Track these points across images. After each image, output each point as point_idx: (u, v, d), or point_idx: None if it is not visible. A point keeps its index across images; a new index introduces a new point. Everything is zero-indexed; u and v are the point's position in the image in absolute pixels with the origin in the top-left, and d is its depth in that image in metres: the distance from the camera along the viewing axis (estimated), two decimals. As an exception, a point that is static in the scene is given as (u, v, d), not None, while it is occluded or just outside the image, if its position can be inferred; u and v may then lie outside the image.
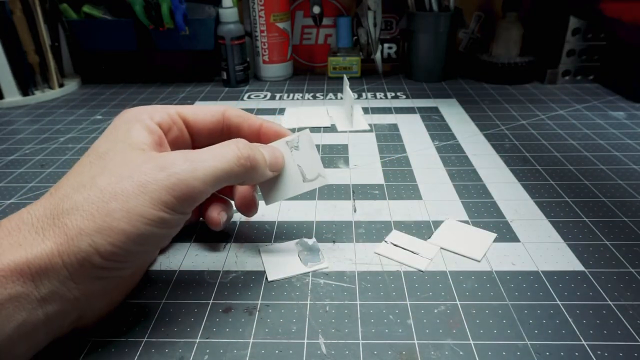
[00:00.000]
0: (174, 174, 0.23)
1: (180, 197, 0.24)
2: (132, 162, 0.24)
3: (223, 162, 0.25)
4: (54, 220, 0.22)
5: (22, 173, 0.45)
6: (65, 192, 0.23)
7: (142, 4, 0.67)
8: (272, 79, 0.77)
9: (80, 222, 0.22)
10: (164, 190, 0.23)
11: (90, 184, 0.23)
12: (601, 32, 0.66)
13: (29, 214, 0.22)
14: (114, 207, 0.22)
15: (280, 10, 0.73)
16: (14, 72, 0.66)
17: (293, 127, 0.55)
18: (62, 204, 0.22)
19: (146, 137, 0.26)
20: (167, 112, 0.29)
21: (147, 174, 0.23)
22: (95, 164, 0.24)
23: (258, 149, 0.28)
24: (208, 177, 0.25)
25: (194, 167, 0.24)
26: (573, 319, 0.26)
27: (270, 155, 0.29)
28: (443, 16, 0.69)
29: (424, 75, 0.73)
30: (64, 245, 0.21)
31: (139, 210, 0.22)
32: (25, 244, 0.21)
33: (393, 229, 0.35)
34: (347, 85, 0.55)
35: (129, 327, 0.26)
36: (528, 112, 0.59)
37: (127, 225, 0.22)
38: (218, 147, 0.26)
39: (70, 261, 0.21)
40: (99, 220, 0.22)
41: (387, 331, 0.25)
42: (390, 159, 0.46)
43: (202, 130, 0.30)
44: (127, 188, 0.23)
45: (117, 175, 0.23)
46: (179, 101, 0.66)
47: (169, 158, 0.24)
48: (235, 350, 0.24)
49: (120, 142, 0.25)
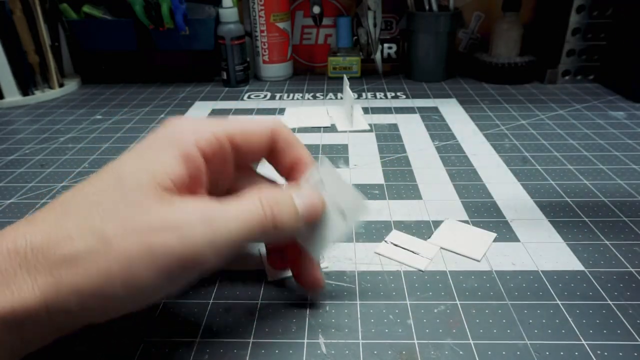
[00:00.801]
0: (188, 241, 0.20)
1: (189, 269, 0.21)
2: (146, 209, 0.21)
3: (244, 228, 0.22)
4: (50, 267, 0.19)
5: (22, 173, 0.45)
6: (70, 228, 0.20)
7: (142, 4, 0.67)
8: (272, 79, 0.77)
9: (77, 280, 0.19)
10: (173, 260, 0.20)
11: (99, 231, 0.20)
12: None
13: (25, 239, 0.20)
14: (115, 271, 0.19)
15: (280, 10, 0.73)
16: (14, 72, 0.66)
17: (293, 126, 0.55)
18: (63, 247, 0.20)
19: (176, 170, 0.22)
20: (215, 135, 0.24)
21: (158, 235, 0.20)
22: (110, 192, 0.21)
23: (288, 201, 0.24)
24: (226, 248, 0.21)
25: (213, 235, 0.21)
26: (573, 319, 0.26)
27: (305, 205, 0.24)
28: (443, 16, 0.69)
29: (424, 75, 0.73)
30: (54, 300, 0.19)
31: (140, 281, 0.20)
32: (14, 287, 0.19)
33: (393, 229, 0.35)
34: (347, 85, 0.55)
35: (129, 327, 0.26)
36: (528, 112, 0.59)
37: (123, 291, 0.20)
38: (241, 205, 0.22)
39: (57, 314, 0.19)
40: (95, 281, 0.19)
41: (387, 331, 0.25)
42: (390, 159, 0.46)
43: (247, 155, 0.26)
44: (131, 248, 0.20)
45: (125, 226, 0.20)
46: (179, 101, 0.66)
47: (185, 216, 0.21)
48: (235, 350, 0.25)
49: (144, 170, 0.22)
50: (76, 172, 0.45)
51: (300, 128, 0.55)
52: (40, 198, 0.40)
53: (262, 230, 0.22)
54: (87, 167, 0.46)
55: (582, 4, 0.65)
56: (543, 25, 0.72)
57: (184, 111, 0.62)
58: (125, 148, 0.50)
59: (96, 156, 0.49)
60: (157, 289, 0.21)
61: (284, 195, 0.24)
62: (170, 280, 0.21)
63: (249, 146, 0.25)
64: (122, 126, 0.57)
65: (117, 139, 0.53)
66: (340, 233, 0.26)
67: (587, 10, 0.65)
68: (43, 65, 0.69)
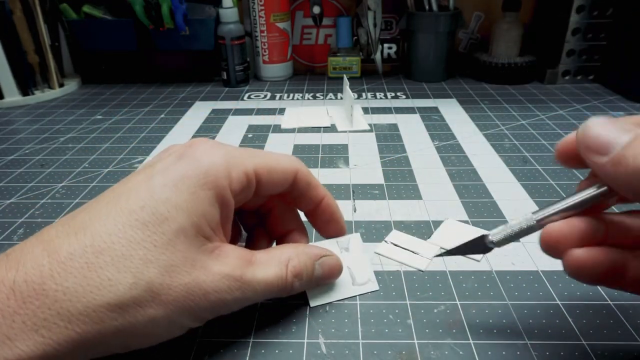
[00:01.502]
0: (221, 301, 0.22)
1: (217, 314, 0.23)
2: (190, 260, 0.21)
3: (267, 291, 0.24)
4: (55, 320, 0.19)
5: (22, 173, 0.45)
6: (108, 270, 0.20)
7: (142, 4, 0.67)
8: (272, 79, 0.77)
9: (120, 324, 0.20)
10: (206, 312, 0.22)
11: (145, 279, 0.20)
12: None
13: (25, 282, 0.19)
14: (159, 318, 0.21)
15: (280, 10, 0.73)
16: (14, 72, 0.66)
17: (293, 127, 0.55)
18: (77, 300, 0.19)
19: (215, 217, 0.23)
20: (246, 174, 0.24)
21: (199, 295, 0.21)
22: (148, 230, 0.21)
23: (309, 270, 0.26)
24: (246, 303, 0.24)
25: (242, 297, 0.23)
26: (573, 319, 0.26)
27: (324, 274, 0.27)
28: (443, 16, 0.69)
29: (424, 75, 0.73)
30: (54, 353, 0.19)
31: (176, 327, 0.22)
32: (16, 340, 0.18)
33: (393, 229, 0.35)
34: (347, 85, 0.55)
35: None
36: (528, 112, 0.59)
37: (144, 340, 0.21)
38: (270, 270, 0.24)
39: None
40: (141, 328, 0.20)
41: (387, 331, 0.25)
42: (390, 159, 0.46)
43: (269, 192, 0.27)
44: (177, 301, 0.21)
45: (172, 277, 0.21)
46: (179, 101, 0.66)
47: (224, 283, 0.22)
48: (235, 350, 0.25)
49: (184, 212, 0.22)
50: (76, 172, 0.45)
51: (300, 128, 0.55)
52: (40, 198, 0.40)
53: (278, 294, 0.25)
54: (87, 167, 0.46)
55: (582, 4, 0.65)
56: (543, 25, 0.72)
57: (184, 111, 0.62)
58: (125, 148, 0.50)
59: (96, 156, 0.49)
60: (182, 328, 0.22)
61: (309, 264, 0.26)
62: (197, 321, 0.23)
63: (273, 183, 0.26)
64: (122, 126, 0.57)
65: (117, 139, 0.53)
66: (344, 294, 0.28)
67: (587, 10, 0.65)
68: (43, 65, 0.69)
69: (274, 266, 0.24)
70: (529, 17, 0.75)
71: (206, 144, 0.24)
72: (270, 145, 0.51)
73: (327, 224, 0.30)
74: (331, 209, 0.29)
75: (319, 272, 0.26)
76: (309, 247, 0.27)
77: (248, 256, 0.24)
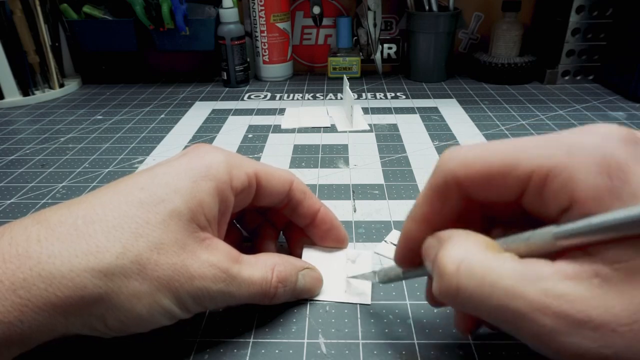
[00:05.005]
0: (206, 290, 0.22)
1: (201, 305, 0.23)
2: (181, 244, 0.22)
3: (249, 294, 0.24)
4: (35, 281, 0.19)
5: (22, 173, 0.45)
6: (98, 237, 0.20)
7: (142, 5, 0.67)
8: (272, 79, 0.77)
9: (70, 295, 0.19)
10: (188, 299, 0.22)
11: (134, 250, 0.20)
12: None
13: (9, 245, 0.19)
14: (143, 293, 0.20)
15: (280, 10, 0.73)
16: (14, 72, 0.66)
17: (293, 127, 0.55)
18: (60, 264, 0.19)
19: (212, 209, 0.23)
20: (247, 175, 0.25)
21: (185, 278, 0.21)
22: (144, 207, 0.21)
23: (293, 279, 0.26)
24: (229, 299, 0.24)
25: (226, 292, 0.23)
26: (573, 319, 0.26)
27: (305, 287, 0.27)
28: (443, 16, 0.69)
29: (424, 75, 0.74)
30: (32, 318, 0.19)
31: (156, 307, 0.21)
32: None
33: (393, 229, 0.35)
34: (347, 85, 0.55)
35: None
36: (528, 112, 0.59)
37: (124, 317, 0.21)
38: (256, 271, 0.24)
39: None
40: (125, 299, 0.20)
41: (387, 331, 0.26)
42: (390, 159, 0.46)
43: (266, 198, 0.27)
44: (161, 279, 0.21)
45: (160, 254, 0.21)
46: (179, 101, 0.66)
47: (212, 272, 0.22)
48: (235, 350, 0.25)
49: (182, 198, 0.22)
50: (77, 172, 0.45)
51: (300, 128, 0.55)
52: (41, 198, 0.40)
53: (261, 298, 0.25)
54: (88, 167, 0.46)
55: (582, 4, 0.65)
56: (543, 26, 0.72)
57: (184, 111, 0.62)
58: (125, 148, 0.50)
59: (96, 156, 0.49)
60: (164, 314, 0.22)
61: (293, 273, 0.26)
62: (181, 309, 0.22)
63: (270, 190, 0.27)
64: (123, 126, 0.57)
65: (117, 139, 0.53)
66: (333, 297, 0.28)
67: (587, 10, 0.65)
68: (43, 65, 0.69)
69: (260, 268, 0.25)
70: (528, 17, 0.75)
71: (208, 146, 0.25)
72: (270, 145, 0.51)
73: (329, 231, 0.30)
74: (330, 216, 0.30)
75: (301, 282, 0.27)
76: (293, 258, 0.28)
77: (236, 255, 0.24)
